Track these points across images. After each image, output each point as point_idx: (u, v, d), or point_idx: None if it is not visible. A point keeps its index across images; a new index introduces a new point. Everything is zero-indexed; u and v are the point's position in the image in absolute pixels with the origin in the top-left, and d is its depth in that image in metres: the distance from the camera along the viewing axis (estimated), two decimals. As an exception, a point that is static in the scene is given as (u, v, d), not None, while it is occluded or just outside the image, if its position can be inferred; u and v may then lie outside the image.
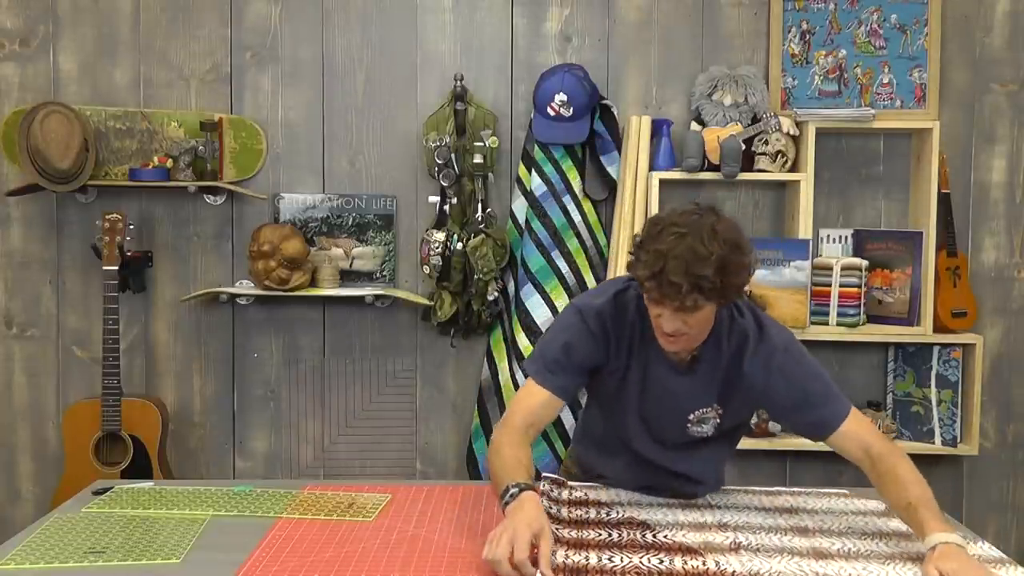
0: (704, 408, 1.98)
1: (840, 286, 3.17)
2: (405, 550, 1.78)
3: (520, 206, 3.29)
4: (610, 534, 1.81)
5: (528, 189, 3.26)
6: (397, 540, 1.83)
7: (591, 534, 1.81)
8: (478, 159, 3.22)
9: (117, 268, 3.12)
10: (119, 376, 3.11)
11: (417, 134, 3.34)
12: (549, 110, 3.15)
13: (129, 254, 3.21)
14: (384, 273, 3.37)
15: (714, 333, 1.89)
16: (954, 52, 3.30)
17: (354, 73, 3.35)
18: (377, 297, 3.28)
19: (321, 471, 3.42)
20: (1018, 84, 3.31)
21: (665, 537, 1.79)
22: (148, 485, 2.17)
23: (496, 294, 3.26)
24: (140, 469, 3.11)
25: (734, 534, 1.82)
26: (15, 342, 3.39)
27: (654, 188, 3.15)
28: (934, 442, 3.22)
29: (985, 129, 3.32)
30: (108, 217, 3.13)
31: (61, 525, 1.89)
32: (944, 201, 3.24)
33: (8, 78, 3.33)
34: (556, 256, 3.22)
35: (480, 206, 3.27)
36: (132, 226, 3.21)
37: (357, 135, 3.36)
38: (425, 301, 3.29)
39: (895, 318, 3.20)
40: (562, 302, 3.17)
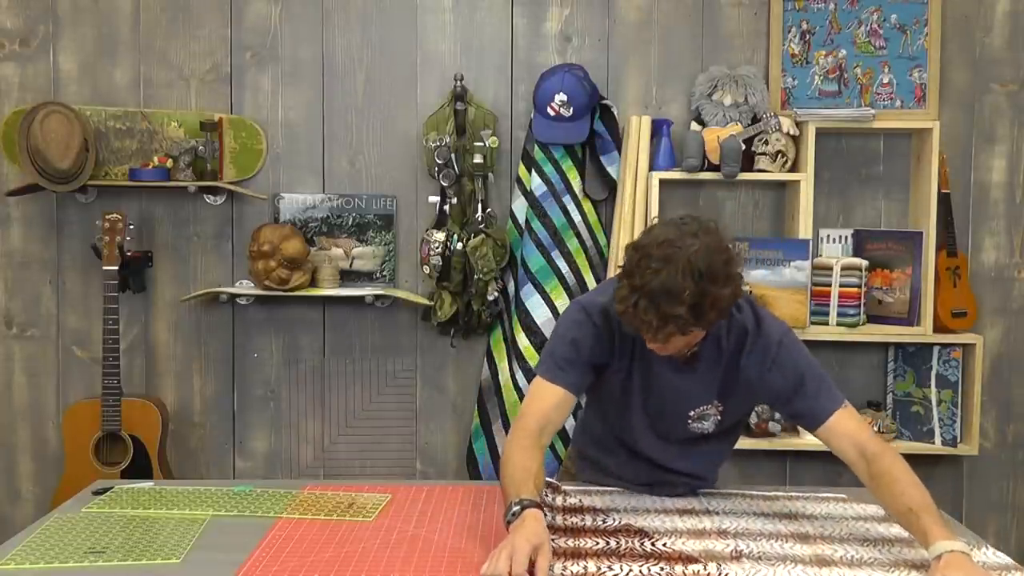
0: (705, 405, 1.98)
1: (840, 286, 3.17)
2: (405, 550, 1.78)
3: (520, 206, 3.29)
4: (607, 542, 1.78)
5: (528, 189, 3.26)
6: (397, 540, 1.83)
7: (588, 542, 1.78)
8: (478, 159, 3.22)
9: (117, 268, 3.12)
10: (119, 376, 3.11)
11: (417, 134, 3.34)
12: (549, 110, 3.15)
13: (129, 254, 3.21)
14: (384, 273, 3.37)
15: (713, 331, 1.89)
16: (954, 52, 3.30)
17: (354, 73, 3.35)
18: (377, 297, 3.28)
19: (321, 471, 3.42)
20: (1018, 84, 3.31)
21: (664, 545, 1.77)
22: (148, 485, 2.17)
23: (496, 294, 3.26)
24: (140, 469, 3.11)
25: (735, 541, 1.80)
26: (15, 342, 3.39)
27: (654, 188, 3.15)
28: (934, 442, 3.22)
29: (985, 129, 3.32)
30: (108, 217, 3.13)
31: (61, 525, 1.89)
32: (944, 201, 3.24)
33: (8, 78, 3.33)
34: (556, 256, 3.22)
35: (480, 206, 3.27)
36: (132, 226, 3.21)
37: (357, 135, 3.36)
38: (425, 301, 3.29)
39: (895, 318, 3.20)
40: (562, 302, 3.17)
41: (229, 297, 3.35)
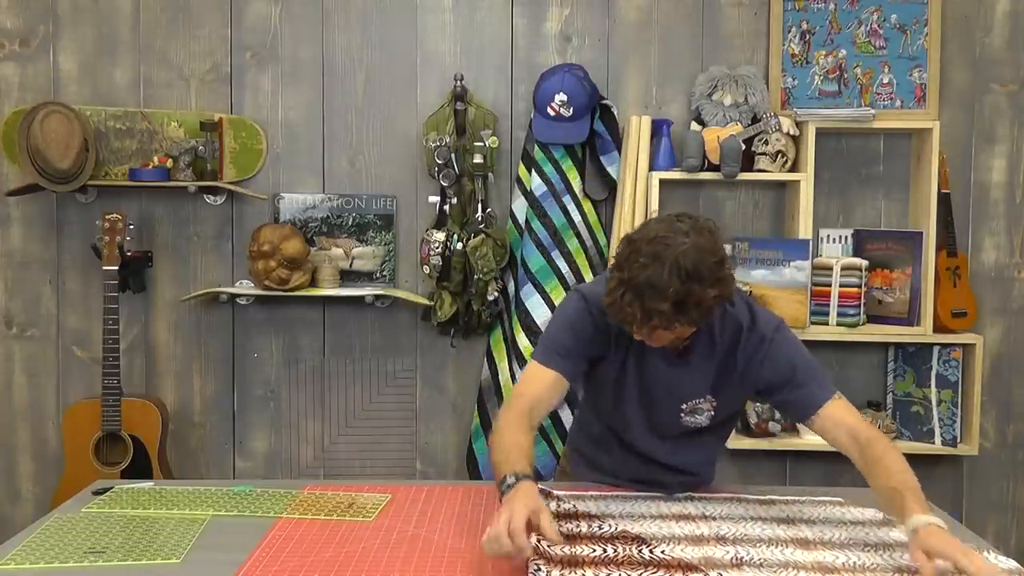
0: (698, 399, 1.99)
1: (840, 286, 3.17)
2: (405, 550, 1.78)
3: (520, 206, 3.29)
4: (604, 549, 1.75)
5: (528, 189, 3.26)
6: (397, 540, 1.83)
7: (584, 550, 1.74)
8: (478, 159, 3.22)
9: (117, 268, 3.12)
10: (119, 376, 3.11)
11: (417, 134, 3.34)
12: (549, 110, 3.15)
13: (129, 254, 3.21)
14: (384, 273, 3.37)
15: (707, 324, 1.89)
16: (954, 52, 3.30)
17: (354, 73, 3.35)
18: (377, 297, 3.28)
19: (321, 471, 3.42)
20: (1018, 84, 3.31)
21: (663, 553, 1.73)
22: (148, 485, 2.17)
23: (496, 294, 3.26)
24: (140, 469, 3.11)
25: (734, 548, 1.77)
26: (15, 342, 3.39)
27: (654, 188, 3.15)
28: (934, 442, 3.22)
29: (985, 129, 3.32)
30: (108, 217, 3.13)
31: (61, 525, 1.89)
32: (944, 201, 3.24)
33: (8, 78, 3.33)
34: (556, 256, 3.22)
35: (480, 206, 3.27)
36: (132, 226, 3.21)
37: (357, 135, 3.36)
38: (425, 301, 3.29)
39: (895, 318, 3.20)
40: (562, 302, 3.18)
41: (229, 297, 3.35)
